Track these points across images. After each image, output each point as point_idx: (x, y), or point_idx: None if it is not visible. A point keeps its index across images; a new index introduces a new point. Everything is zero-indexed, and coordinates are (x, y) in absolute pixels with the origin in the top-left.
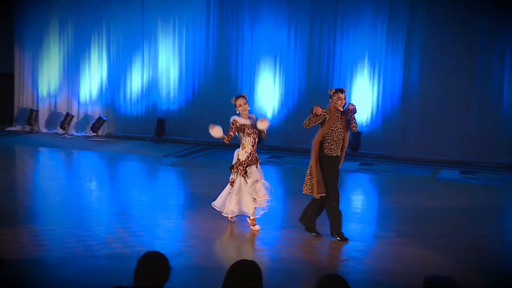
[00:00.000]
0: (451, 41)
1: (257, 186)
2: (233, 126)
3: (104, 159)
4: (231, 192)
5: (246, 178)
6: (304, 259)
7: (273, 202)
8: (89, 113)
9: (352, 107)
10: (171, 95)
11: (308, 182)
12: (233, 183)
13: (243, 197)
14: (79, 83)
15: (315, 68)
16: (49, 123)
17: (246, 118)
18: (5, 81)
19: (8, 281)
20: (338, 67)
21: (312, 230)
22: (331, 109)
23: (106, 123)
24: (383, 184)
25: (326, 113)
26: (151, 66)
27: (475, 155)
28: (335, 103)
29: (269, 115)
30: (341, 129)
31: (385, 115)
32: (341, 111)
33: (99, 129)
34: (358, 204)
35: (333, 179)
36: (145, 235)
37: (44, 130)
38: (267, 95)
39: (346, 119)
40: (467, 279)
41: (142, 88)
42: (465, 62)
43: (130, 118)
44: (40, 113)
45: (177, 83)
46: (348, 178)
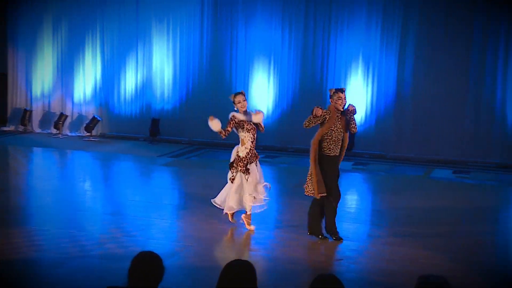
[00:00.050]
0: (445, 41)
1: (258, 187)
2: (232, 121)
3: (98, 159)
4: (231, 188)
5: (246, 174)
6: (298, 259)
7: (268, 202)
8: (83, 113)
9: (352, 108)
10: (165, 95)
11: (309, 183)
12: (233, 180)
13: (244, 196)
14: (73, 83)
15: (309, 68)
16: (43, 123)
17: (244, 114)
18: None
19: (2, 282)
20: (332, 67)
21: (317, 233)
22: (331, 109)
23: (100, 123)
24: (377, 183)
25: (326, 113)
26: (145, 66)
27: (468, 155)
28: (335, 102)
29: None
30: (340, 129)
31: (379, 114)
32: (341, 111)
33: (93, 129)
34: (352, 203)
35: (333, 178)
36: (139, 235)
37: (38, 130)
38: (261, 95)
39: (345, 119)
40: (461, 278)
41: (136, 88)
42: (459, 62)
43: (124, 118)
44: (34, 113)
45: (171, 83)
46: (342, 177)
